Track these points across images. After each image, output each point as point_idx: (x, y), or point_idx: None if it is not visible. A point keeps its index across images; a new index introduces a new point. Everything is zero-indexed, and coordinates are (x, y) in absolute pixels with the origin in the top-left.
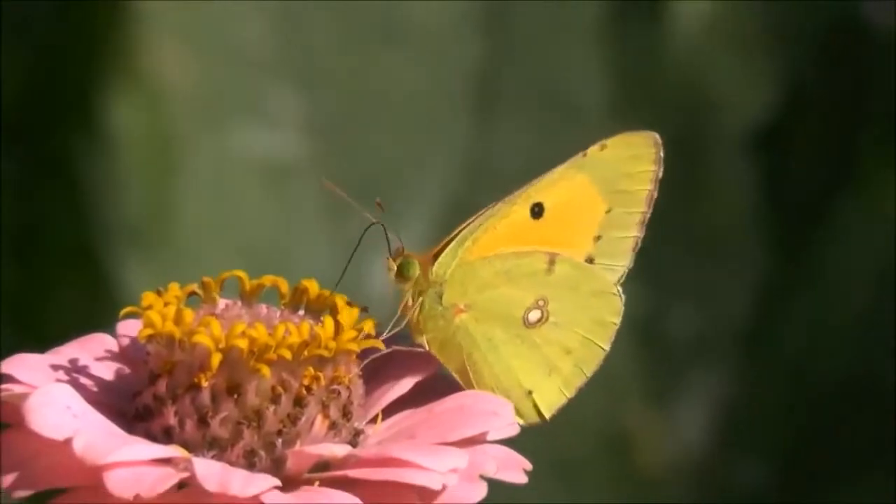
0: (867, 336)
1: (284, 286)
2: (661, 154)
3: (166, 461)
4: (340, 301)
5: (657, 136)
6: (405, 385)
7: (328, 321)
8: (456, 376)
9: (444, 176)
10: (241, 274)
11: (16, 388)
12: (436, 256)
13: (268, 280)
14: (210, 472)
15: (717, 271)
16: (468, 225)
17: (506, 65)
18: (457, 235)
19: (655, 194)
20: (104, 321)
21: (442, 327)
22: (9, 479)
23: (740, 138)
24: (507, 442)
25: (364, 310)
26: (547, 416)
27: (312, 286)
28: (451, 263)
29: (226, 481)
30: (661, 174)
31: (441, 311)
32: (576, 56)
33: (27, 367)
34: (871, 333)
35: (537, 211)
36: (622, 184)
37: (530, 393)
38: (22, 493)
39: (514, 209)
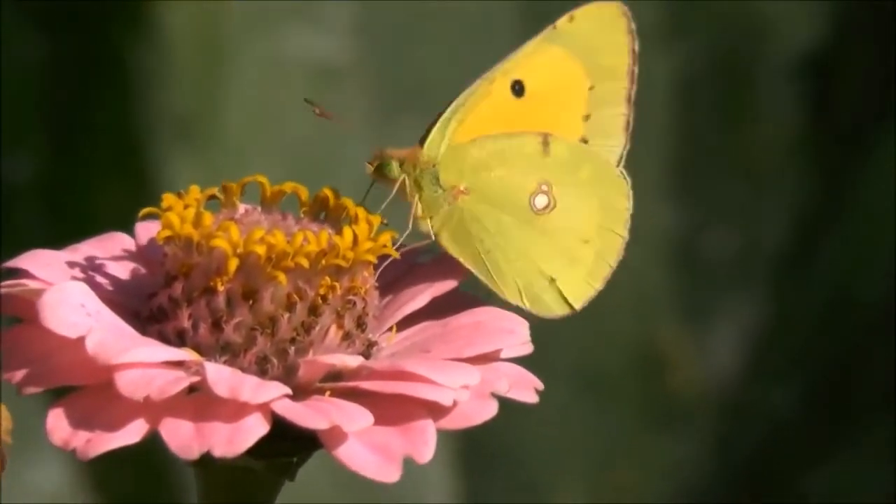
0: None
1: (305, 194)
2: (633, 25)
3: (178, 364)
4: (360, 211)
5: (624, 5)
6: (422, 299)
7: (347, 231)
8: (473, 269)
9: None
10: (263, 179)
11: (31, 284)
12: (423, 142)
13: (288, 187)
14: (221, 377)
15: (757, 195)
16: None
17: None
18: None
19: (636, 69)
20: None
21: (447, 213)
22: (19, 375)
23: (787, 63)
24: (537, 357)
25: (384, 223)
26: (577, 306)
27: (332, 195)
28: (441, 144)
29: (236, 387)
30: (636, 47)
31: (441, 193)
32: None
33: (43, 263)
34: None
35: (518, 89)
36: (600, 57)
37: (553, 281)
38: (32, 390)
39: (494, 87)
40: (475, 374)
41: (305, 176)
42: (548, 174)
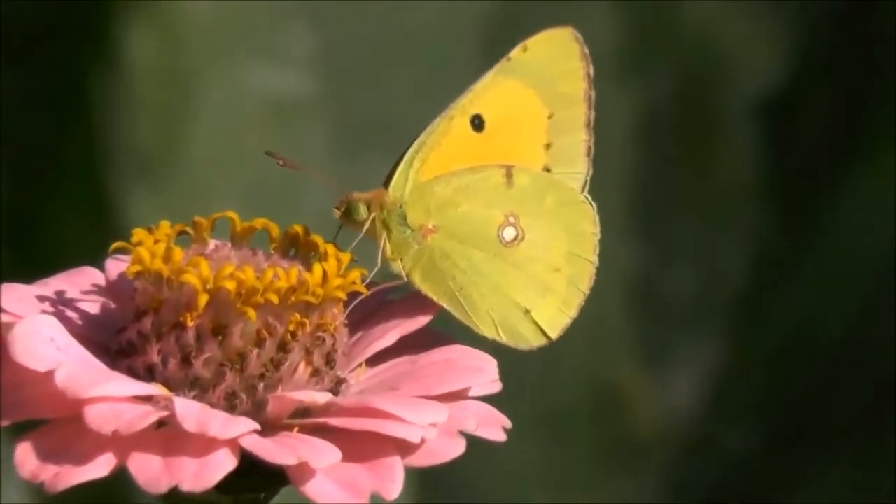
0: (865, 306)
1: (275, 230)
2: (586, 50)
3: (147, 399)
4: (330, 248)
5: (576, 31)
6: (391, 336)
7: (317, 268)
8: (447, 307)
9: None
10: (233, 215)
11: (1, 317)
12: (387, 183)
13: (259, 223)
14: (190, 412)
15: (717, 235)
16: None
17: (518, 9)
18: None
19: (593, 93)
20: (107, 249)
21: (417, 252)
22: None
23: (749, 101)
24: (497, 396)
25: (354, 260)
26: (552, 335)
27: (303, 232)
28: (406, 185)
29: (205, 422)
30: (591, 72)
31: (410, 234)
32: (589, 5)
33: (13, 297)
34: (869, 304)
35: (478, 123)
36: (556, 85)
37: (528, 312)
38: (1, 423)
39: (454, 124)
40: (443, 411)
41: (266, 210)
42: (513, 206)
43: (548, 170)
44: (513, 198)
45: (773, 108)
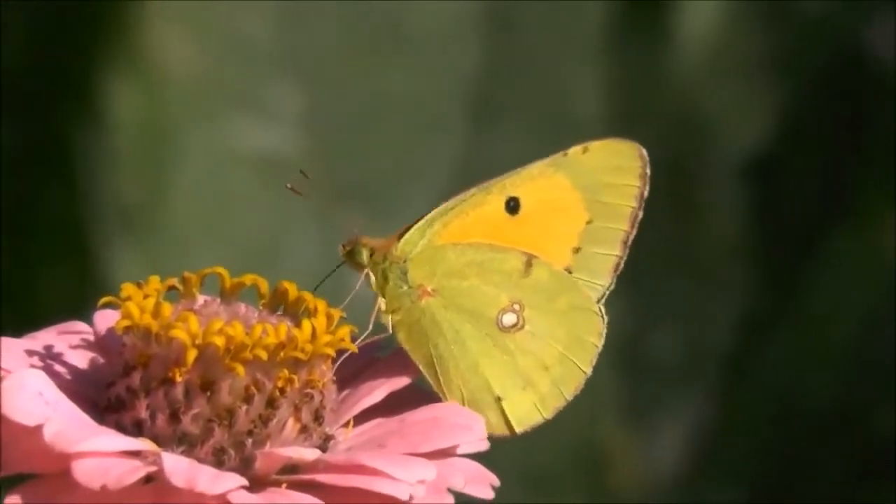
0: (849, 369)
1: (264, 286)
2: (648, 171)
3: (135, 454)
4: (319, 305)
5: (643, 149)
6: (379, 393)
7: (306, 324)
8: (422, 369)
9: (438, 181)
10: (222, 271)
11: None
12: (401, 236)
13: (248, 279)
14: (178, 467)
15: (703, 296)
16: (439, 208)
17: (505, 73)
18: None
19: (640, 214)
20: (90, 303)
21: (408, 308)
22: None
23: (735, 164)
24: (481, 455)
25: (343, 317)
26: (518, 430)
27: (292, 288)
28: (419, 243)
29: (193, 478)
30: (646, 193)
31: (407, 290)
32: (575, 69)
33: (1, 351)
34: (854, 366)
35: (513, 206)
36: (604, 195)
37: (499, 400)
38: None
39: (489, 199)
40: (432, 468)
41: (248, 266)
42: (522, 294)
43: (569, 271)
44: (524, 287)
45: (758, 171)
